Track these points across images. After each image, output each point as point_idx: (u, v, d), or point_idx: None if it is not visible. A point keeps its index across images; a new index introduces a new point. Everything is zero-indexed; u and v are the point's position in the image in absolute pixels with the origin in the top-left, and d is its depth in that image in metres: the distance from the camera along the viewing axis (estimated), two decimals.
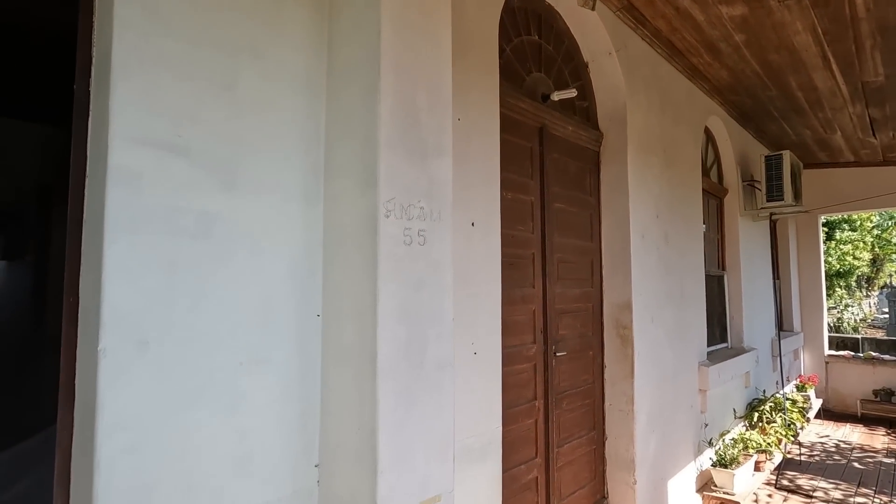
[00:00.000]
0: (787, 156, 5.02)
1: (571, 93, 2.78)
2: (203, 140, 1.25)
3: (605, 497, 3.10)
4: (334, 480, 1.37)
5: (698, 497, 3.73)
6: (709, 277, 4.48)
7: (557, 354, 2.77)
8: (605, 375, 3.16)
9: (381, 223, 1.29)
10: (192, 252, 1.21)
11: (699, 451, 3.87)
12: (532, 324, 2.62)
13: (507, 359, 2.32)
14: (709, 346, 4.31)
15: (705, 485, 3.81)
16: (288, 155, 1.41)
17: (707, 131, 4.79)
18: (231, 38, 1.31)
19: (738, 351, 4.86)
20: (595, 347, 3.12)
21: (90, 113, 1.21)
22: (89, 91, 1.23)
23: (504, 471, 2.19)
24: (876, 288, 15.21)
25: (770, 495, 4.13)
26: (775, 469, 4.32)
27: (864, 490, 4.21)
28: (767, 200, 5.09)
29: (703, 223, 4.37)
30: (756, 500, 3.84)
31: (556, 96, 2.79)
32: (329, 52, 1.47)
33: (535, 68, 2.79)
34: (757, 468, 4.05)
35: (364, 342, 1.29)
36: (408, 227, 1.36)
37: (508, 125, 2.40)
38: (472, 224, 2.01)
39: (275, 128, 1.39)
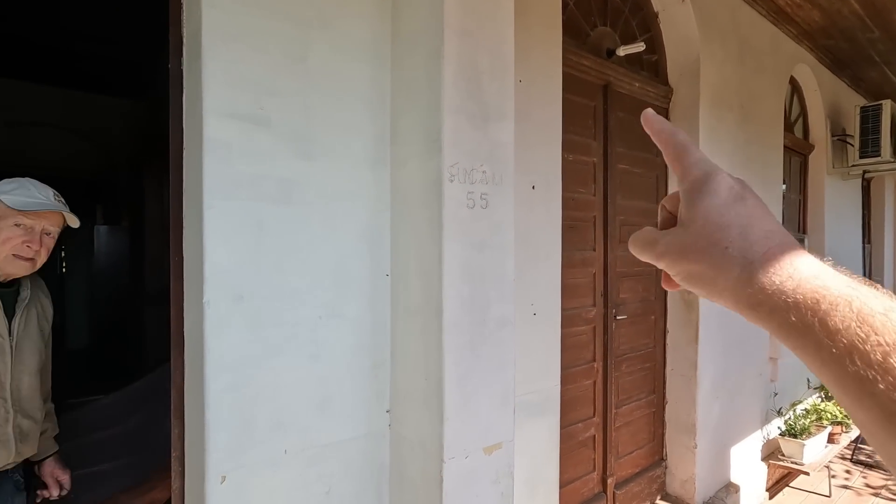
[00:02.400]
0: (887, 105, 4.50)
1: (639, 47, 2.65)
2: (280, 111, 1.34)
3: (663, 459, 3.12)
4: (404, 425, 1.50)
5: (764, 465, 3.65)
6: None
7: (618, 318, 2.76)
8: (668, 340, 3.12)
9: (445, 187, 1.35)
10: (275, 216, 1.33)
11: (767, 420, 3.75)
12: (592, 287, 2.62)
13: (566, 320, 2.35)
14: None
15: (772, 454, 3.71)
16: (356, 123, 1.48)
17: (793, 81, 4.38)
18: (301, 10, 1.37)
19: None
20: (657, 312, 3.07)
21: (184, 89, 1.33)
22: (182, 69, 1.34)
23: (562, 427, 2.27)
24: None
25: (848, 471, 3.95)
26: (852, 442, 4.11)
27: None
28: (860, 157, 4.63)
29: (784, 182, 4.07)
30: (832, 473, 3.69)
31: (622, 51, 2.67)
32: (393, 19, 1.51)
33: (600, 22, 2.67)
34: (831, 440, 3.87)
35: (430, 299, 1.38)
36: (471, 191, 1.41)
37: (570, 84, 2.34)
38: (533, 187, 2.01)
39: (343, 97, 1.46)
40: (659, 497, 3.05)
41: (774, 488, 3.69)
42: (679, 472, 3.07)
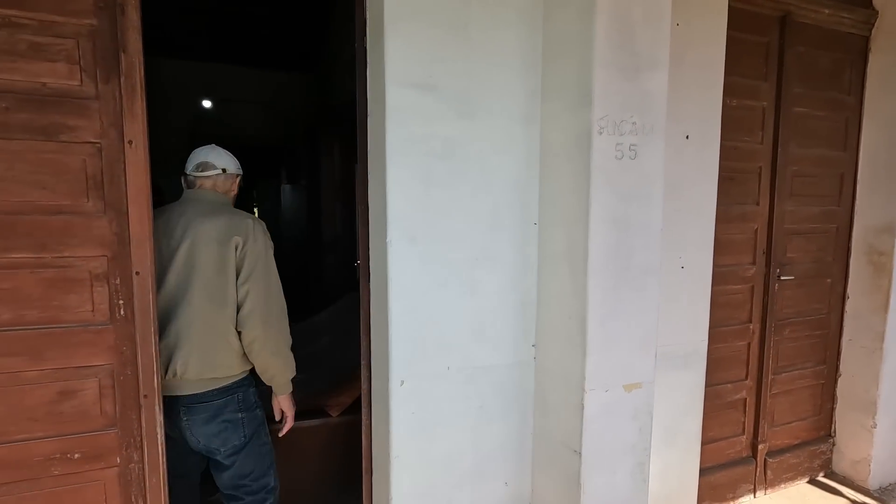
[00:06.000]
0: None
1: None
2: (445, 77, 1.53)
3: (830, 435, 2.84)
4: (548, 357, 1.67)
5: None
6: None
7: (782, 278, 2.54)
8: (847, 307, 2.76)
9: (594, 139, 1.42)
10: (441, 170, 1.55)
11: None
12: (752, 243, 2.44)
13: (719, 277, 2.25)
14: None
15: None
16: (509, 82, 1.61)
17: None
18: None
19: None
20: (835, 275, 2.73)
21: (367, 64, 1.59)
22: (365, 46, 1.60)
23: (707, 385, 2.23)
24: None
25: None
26: None
27: None
28: None
29: None
30: None
31: None
32: None
33: None
34: None
35: (577, 245, 1.49)
36: (619, 143, 1.46)
37: (738, 20, 2.13)
38: (687, 137, 1.95)
39: (498, 59, 1.59)
40: (822, 474, 2.82)
41: None
42: (850, 451, 2.78)
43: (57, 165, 1.29)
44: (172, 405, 1.56)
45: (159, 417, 1.42)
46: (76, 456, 1.36)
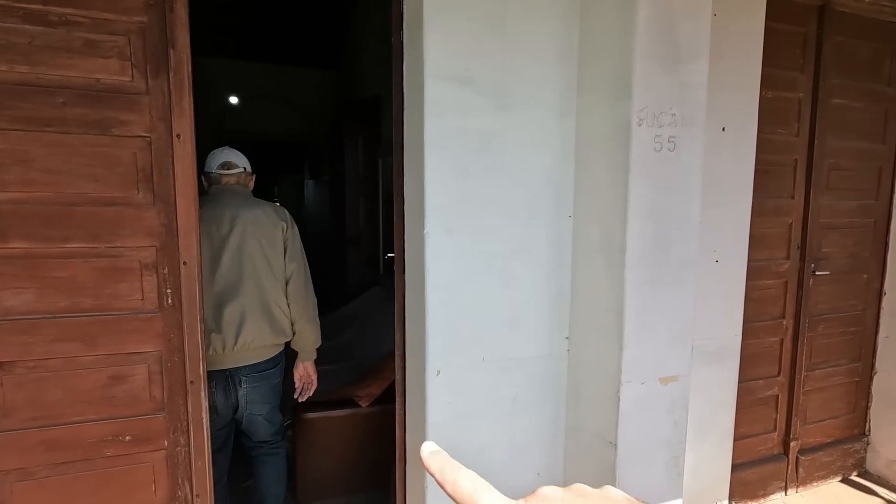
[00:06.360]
0: None
1: None
2: (482, 70, 1.54)
3: (864, 434, 2.79)
4: (582, 350, 1.67)
5: None
6: None
7: (817, 274, 2.49)
8: (884, 303, 2.70)
9: (633, 131, 1.42)
10: (477, 162, 1.56)
11: None
12: (787, 238, 2.40)
13: (753, 272, 2.22)
14: None
15: None
16: (546, 75, 1.61)
17: None
18: None
19: None
20: (871, 270, 2.66)
21: (404, 58, 1.60)
22: (402, 40, 1.62)
23: (740, 381, 2.21)
24: None
25: None
26: None
27: None
28: None
29: None
30: None
31: None
32: None
33: None
34: None
35: (614, 238, 1.49)
36: (658, 134, 1.45)
37: (776, 9, 2.09)
38: (723, 129, 1.92)
39: (535, 52, 1.59)
40: (856, 473, 2.76)
41: None
42: (886, 451, 2.72)
43: (109, 158, 1.34)
44: (230, 378, 1.80)
45: (204, 403, 1.46)
46: (127, 438, 1.41)
